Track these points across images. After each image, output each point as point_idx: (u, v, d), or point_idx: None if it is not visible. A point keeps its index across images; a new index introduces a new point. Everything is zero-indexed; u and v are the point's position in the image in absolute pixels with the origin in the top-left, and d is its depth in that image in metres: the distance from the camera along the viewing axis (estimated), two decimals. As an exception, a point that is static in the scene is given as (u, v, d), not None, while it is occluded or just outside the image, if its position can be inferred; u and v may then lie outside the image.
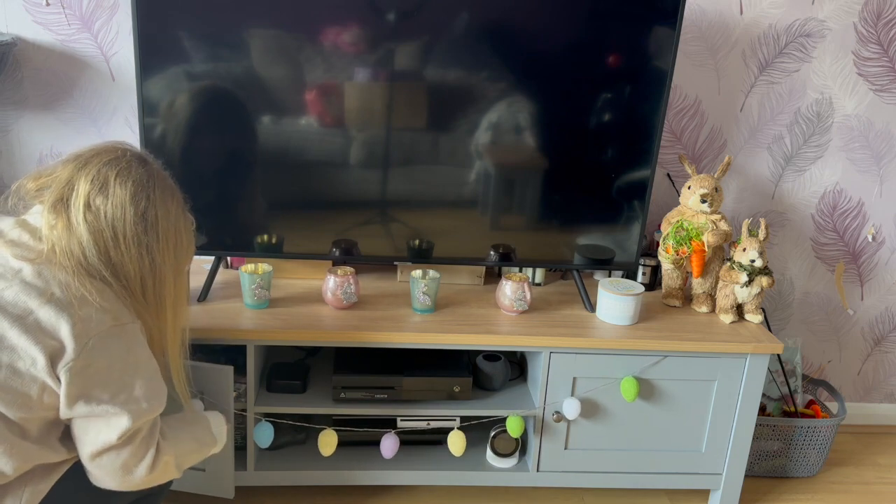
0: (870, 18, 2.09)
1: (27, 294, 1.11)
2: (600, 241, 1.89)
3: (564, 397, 1.79)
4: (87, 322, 1.12)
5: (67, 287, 1.12)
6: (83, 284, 1.13)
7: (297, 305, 1.80)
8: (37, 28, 1.90)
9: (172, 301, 1.27)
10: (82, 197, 1.16)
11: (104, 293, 1.16)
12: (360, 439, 1.90)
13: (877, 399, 2.54)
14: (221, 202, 1.77)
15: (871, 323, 2.42)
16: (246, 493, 1.90)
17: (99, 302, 1.14)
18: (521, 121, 1.77)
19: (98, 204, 1.16)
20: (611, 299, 1.81)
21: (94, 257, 1.16)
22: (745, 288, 1.86)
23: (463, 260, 1.89)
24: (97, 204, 1.16)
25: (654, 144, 1.82)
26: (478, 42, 1.70)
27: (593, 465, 1.86)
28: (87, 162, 1.19)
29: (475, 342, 1.72)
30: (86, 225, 1.15)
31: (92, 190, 1.16)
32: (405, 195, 1.81)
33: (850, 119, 2.19)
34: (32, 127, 1.98)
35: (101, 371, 1.14)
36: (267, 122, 1.72)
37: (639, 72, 1.76)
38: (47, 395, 1.12)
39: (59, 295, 1.11)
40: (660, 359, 1.78)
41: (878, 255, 2.34)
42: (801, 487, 2.16)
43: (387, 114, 1.74)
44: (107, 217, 1.16)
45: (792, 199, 2.26)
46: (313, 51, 1.67)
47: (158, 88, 1.67)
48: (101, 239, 1.16)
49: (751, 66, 2.11)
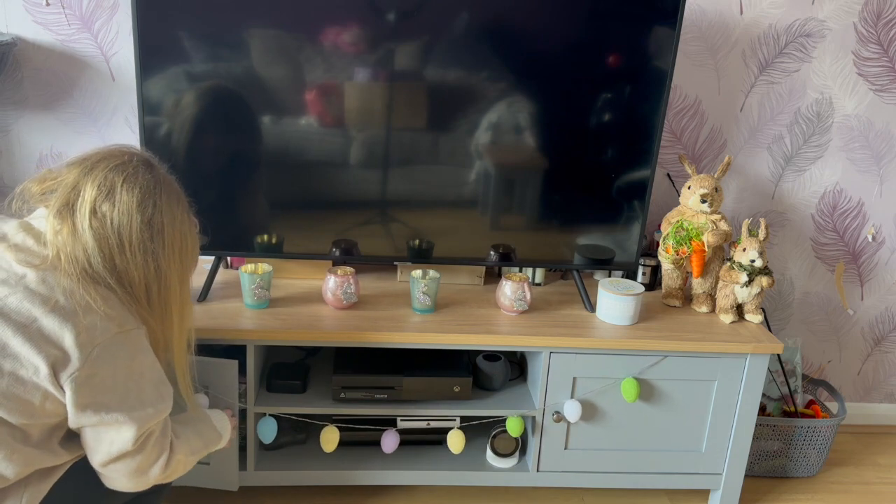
0: (870, 18, 2.09)
1: (31, 301, 1.10)
2: (600, 241, 1.89)
3: (564, 397, 1.79)
4: (91, 331, 1.11)
5: (72, 294, 1.12)
6: (87, 292, 1.12)
7: (297, 305, 1.80)
8: (37, 28, 1.90)
9: (178, 307, 1.27)
10: (88, 203, 1.15)
11: (109, 300, 1.15)
12: (360, 439, 1.90)
13: (877, 399, 2.54)
14: (221, 202, 1.77)
15: (871, 323, 2.42)
16: (246, 492, 1.91)
17: (103, 309, 1.13)
18: (521, 121, 1.77)
19: (104, 210, 1.15)
20: (611, 299, 1.81)
21: (99, 264, 1.15)
22: (745, 288, 1.86)
23: (463, 260, 1.89)
24: (103, 210, 1.15)
25: (654, 144, 1.82)
26: (478, 42, 1.70)
27: (593, 465, 1.86)
28: (93, 167, 1.18)
29: (475, 342, 1.72)
30: (91, 231, 1.14)
31: (98, 196, 1.15)
32: (405, 195, 1.81)
33: (850, 119, 2.19)
34: (32, 127, 1.98)
35: (107, 379, 1.13)
36: (267, 122, 1.72)
37: (639, 72, 1.76)
38: (50, 403, 1.11)
39: (64, 303, 1.11)
40: (660, 359, 1.78)
41: (878, 255, 2.34)
42: (801, 487, 2.16)
43: (387, 114, 1.74)
44: (113, 224, 1.15)
45: (792, 199, 2.26)
46: (313, 51, 1.67)
47: (158, 88, 1.67)
48: (107, 246, 1.15)
49: (751, 66, 2.11)
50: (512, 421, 1.79)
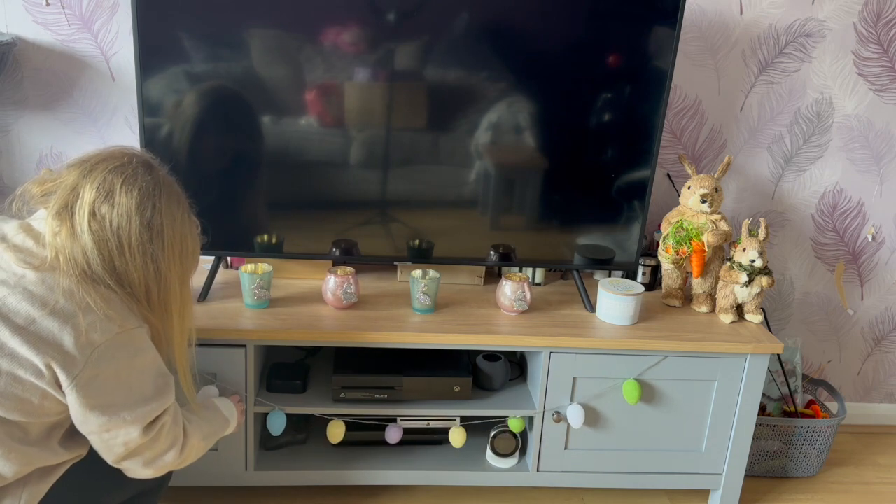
0: (870, 18, 2.09)
1: (30, 302, 1.10)
2: (600, 241, 1.89)
3: (564, 397, 1.79)
4: (91, 332, 1.11)
5: (71, 295, 1.11)
6: (87, 293, 1.12)
7: (297, 305, 1.80)
8: (37, 28, 1.90)
9: (179, 307, 1.27)
10: (87, 205, 1.14)
11: (109, 300, 1.15)
12: (360, 439, 1.90)
13: (877, 399, 2.54)
14: (221, 202, 1.77)
15: (871, 323, 2.42)
16: (246, 492, 1.91)
17: (104, 310, 1.13)
18: (520, 121, 1.77)
19: (103, 212, 1.15)
20: (611, 299, 1.81)
21: (99, 265, 1.14)
22: (745, 288, 1.86)
23: (463, 260, 1.89)
24: (102, 212, 1.15)
25: (654, 144, 1.82)
26: (478, 42, 1.70)
27: (593, 465, 1.86)
28: (92, 168, 1.17)
29: (475, 342, 1.72)
30: (90, 233, 1.14)
31: (97, 198, 1.15)
32: (405, 195, 1.81)
33: (850, 119, 2.19)
34: (32, 127, 1.98)
35: (110, 379, 1.14)
36: (267, 122, 1.72)
37: (639, 72, 1.76)
38: (48, 402, 1.12)
39: (63, 304, 1.11)
40: (660, 359, 1.78)
41: (878, 255, 2.34)
42: (801, 487, 2.16)
43: (387, 114, 1.74)
44: (112, 226, 1.15)
45: (792, 199, 2.26)
46: (313, 51, 1.67)
47: (158, 88, 1.67)
48: (106, 248, 1.15)
49: (751, 66, 2.11)
50: (513, 422, 1.79)
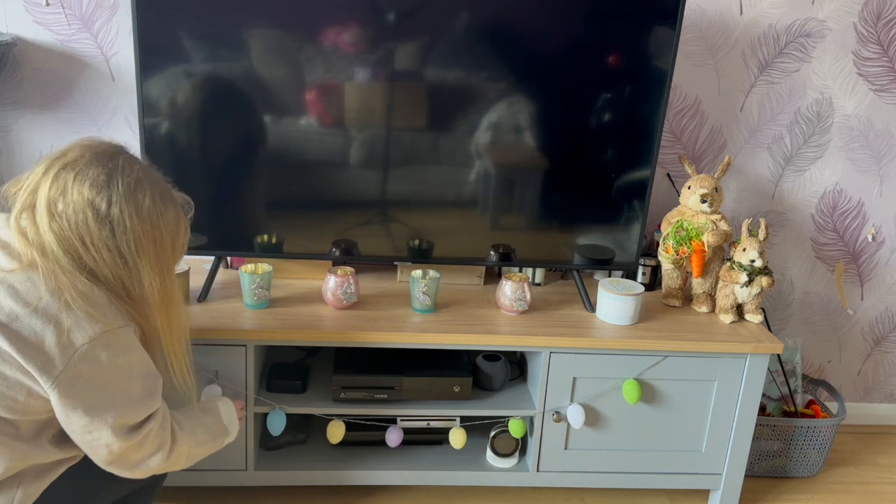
0: (870, 18, 2.09)
1: (14, 299, 1.09)
2: (600, 241, 1.89)
3: (564, 397, 1.79)
4: (73, 332, 1.09)
5: (53, 293, 1.10)
6: (69, 291, 1.10)
7: (297, 305, 1.80)
8: (37, 28, 1.90)
9: (162, 301, 1.22)
10: (44, 204, 1.12)
11: (92, 299, 1.13)
12: (360, 439, 1.90)
13: (877, 399, 2.54)
14: (221, 202, 1.77)
15: (871, 323, 2.42)
16: (246, 492, 1.90)
17: (86, 309, 1.11)
18: (520, 121, 1.77)
19: (60, 210, 1.12)
20: (611, 299, 1.81)
21: (68, 264, 1.12)
22: (745, 288, 1.86)
23: (463, 260, 1.89)
24: (59, 210, 1.12)
25: (654, 144, 1.82)
26: (478, 42, 1.70)
27: (593, 465, 1.86)
28: (50, 166, 1.15)
29: (475, 342, 1.72)
30: (52, 234, 1.12)
31: (53, 196, 1.12)
32: (405, 195, 1.81)
33: (850, 119, 2.19)
34: (32, 127, 1.98)
35: (93, 379, 1.12)
36: (267, 122, 1.72)
37: (639, 72, 1.76)
38: (34, 400, 1.11)
39: (46, 304, 1.09)
40: (660, 359, 1.78)
41: (878, 255, 2.34)
42: (801, 487, 2.16)
43: (387, 114, 1.74)
44: (70, 223, 1.12)
45: (792, 199, 2.26)
46: (313, 51, 1.67)
47: (158, 88, 1.67)
48: (70, 246, 1.12)
49: (751, 66, 2.11)
50: (514, 423, 1.79)
